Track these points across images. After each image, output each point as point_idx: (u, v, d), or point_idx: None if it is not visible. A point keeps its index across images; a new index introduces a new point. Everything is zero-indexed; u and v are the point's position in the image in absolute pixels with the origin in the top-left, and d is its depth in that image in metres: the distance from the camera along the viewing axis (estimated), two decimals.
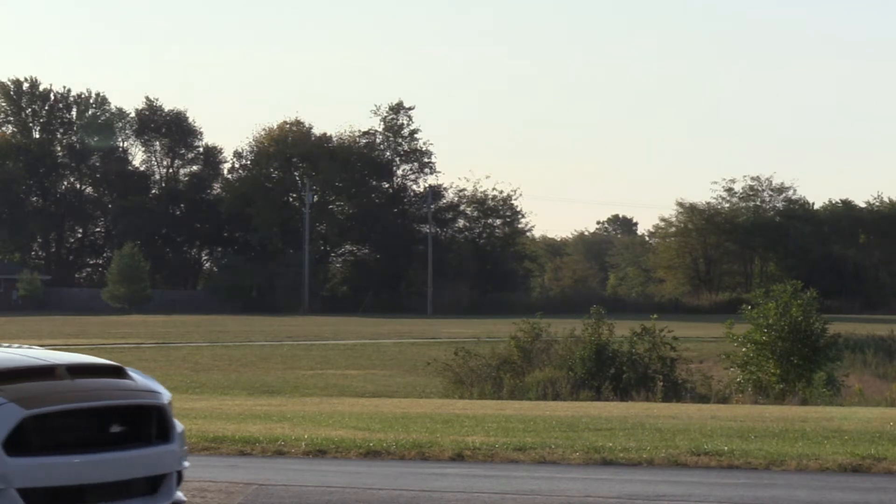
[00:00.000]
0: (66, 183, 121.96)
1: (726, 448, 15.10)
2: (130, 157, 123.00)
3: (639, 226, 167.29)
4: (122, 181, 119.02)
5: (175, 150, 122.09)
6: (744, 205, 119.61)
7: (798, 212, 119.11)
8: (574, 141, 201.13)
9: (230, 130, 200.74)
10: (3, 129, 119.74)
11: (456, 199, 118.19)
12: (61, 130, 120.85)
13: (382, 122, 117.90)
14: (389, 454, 14.99)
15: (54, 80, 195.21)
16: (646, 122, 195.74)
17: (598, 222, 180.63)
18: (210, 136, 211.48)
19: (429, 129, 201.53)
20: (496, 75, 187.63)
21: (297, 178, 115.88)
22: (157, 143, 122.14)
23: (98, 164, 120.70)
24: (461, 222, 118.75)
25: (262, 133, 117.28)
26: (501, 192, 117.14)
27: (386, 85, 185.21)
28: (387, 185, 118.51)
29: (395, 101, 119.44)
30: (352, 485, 11.94)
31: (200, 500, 10.87)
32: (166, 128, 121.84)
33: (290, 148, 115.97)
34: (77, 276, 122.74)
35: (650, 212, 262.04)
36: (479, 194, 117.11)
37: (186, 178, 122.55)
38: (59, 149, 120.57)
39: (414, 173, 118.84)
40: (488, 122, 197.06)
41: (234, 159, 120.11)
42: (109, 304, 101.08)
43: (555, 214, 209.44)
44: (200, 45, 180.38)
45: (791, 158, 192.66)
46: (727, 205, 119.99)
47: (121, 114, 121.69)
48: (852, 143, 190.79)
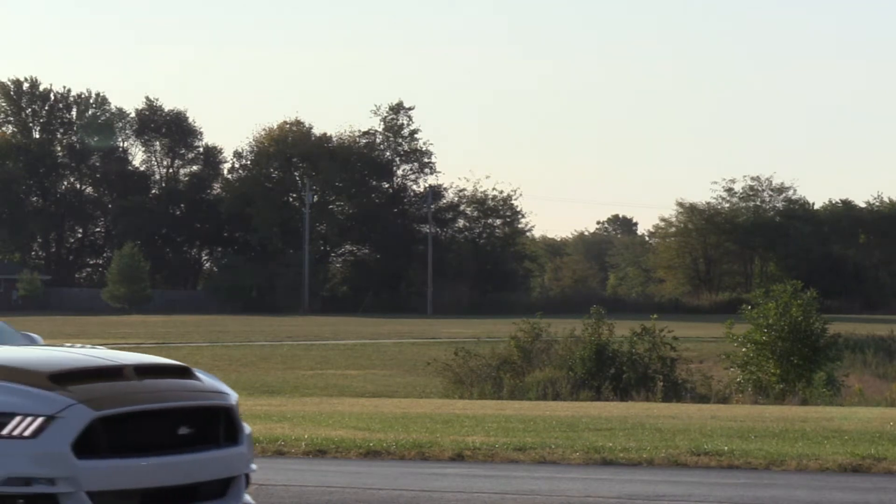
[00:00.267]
0: (66, 183, 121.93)
1: (726, 448, 15.11)
2: (130, 157, 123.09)
3: (639, 226, 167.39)
4: (122, 181, 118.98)
5: (175, 150, 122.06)
6: (744, 205, 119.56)
7: (798, 212, 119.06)
8: (574, 141, 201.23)
9: (230, 130, 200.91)
10: (3, 129, 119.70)
11: (456, 199, 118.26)
12: (61, 130, 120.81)
13: (382, 122, 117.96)
14: (389, 454, 15.00)
15: (54, 80, 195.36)
16: (646, 122, 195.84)
17: (598, 222, 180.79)
18: (210, 136, 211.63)
19: (429, 129, 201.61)
20: (496, 75, 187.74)
21: (297, 178, 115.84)
22: (157, 143, 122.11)
23: (98, 164, 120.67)
24: (461, 222, 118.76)
25: (262, 133, 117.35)
26: (501, 192, 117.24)
27: (386, 85, 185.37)
28: (387, 185, 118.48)
29: (395, 101, 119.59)
30: (352, 485, 11.94)
31: None
32: (166, 128, 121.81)
33: (290, 148, 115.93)
34: (77, 276, 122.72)
35: (650, 212, 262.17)
36: (479, 194, 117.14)
37: (186, 178, 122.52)
38: (59, 149, 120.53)
39: (414, 173, 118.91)
40: (488, 122, 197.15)
41: (234, 159, 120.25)
42: (109, 304, 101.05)
43: (555, 214, 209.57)
44: (200, 45, 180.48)
45: (791, 158, 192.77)
46: (727, 205, 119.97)
47: (121, 114, 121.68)
48: (852, 143, 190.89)
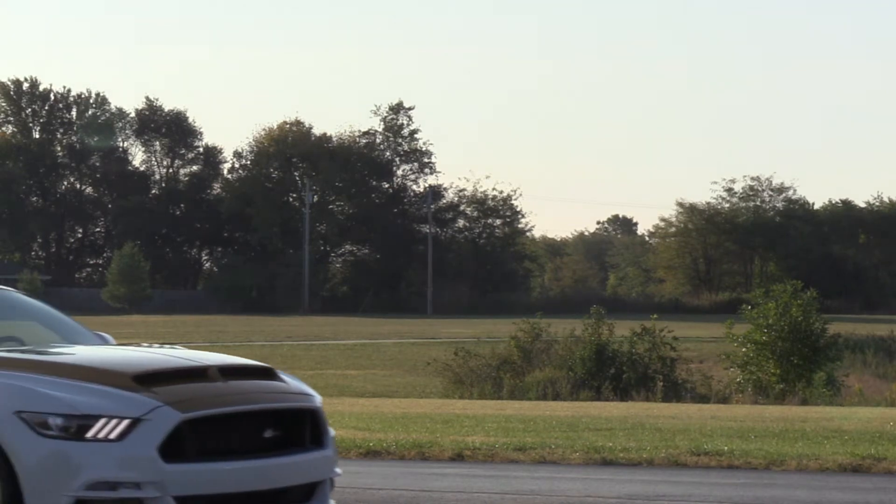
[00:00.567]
0: (66, 183, 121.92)
1: (726, 448, 15.11)
2: (130, 157, 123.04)
3: (639, 226, 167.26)
4: (122, 181, 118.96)
5: (175, 150, 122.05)
6: (744, 205, 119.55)
7: (798, 212, 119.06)
8: (574, 141, 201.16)
9: (230, 130, 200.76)
10: (3, 129, 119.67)
11: (456, 199, 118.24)
12: (61, 130, 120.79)
13: (382, 122, 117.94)
14: (389, 454, 14.99)
15: (54, 80, 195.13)
16: (646, 122, 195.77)
17: (598, 222, 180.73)
18: (210, 136, 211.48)
19: (429, 129, 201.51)
20: (496, 75, 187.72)
21: (297, 178, 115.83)
22: (157, 143, 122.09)
23: (98, 164, 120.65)
24: (461, 222, 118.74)
25: (262, 133, 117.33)
26: (501, 192, 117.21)
27: (386, 85, 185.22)
28: (387, 185, 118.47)
29: (395, 101, 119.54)
30: (352, 485, 11.93)
31: None
32: (166, 128, 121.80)
33: (290, 148, 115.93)
34: (77, 276, 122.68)
35: (650, 212, 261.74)
36: (479, 194, 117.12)
37: (186, 178, 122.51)
38: (59, 149, 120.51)
39: (414, 173, 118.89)
40: (488, 122, 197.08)
41: (234, 159, 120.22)
42: (109, 304, 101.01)
43: (555, 214, 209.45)
44: (200, 45, 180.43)
45: (791, 158, 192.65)
46: (727, 205, 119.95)
47: (121, 114, 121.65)
48: (852, 143, 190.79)
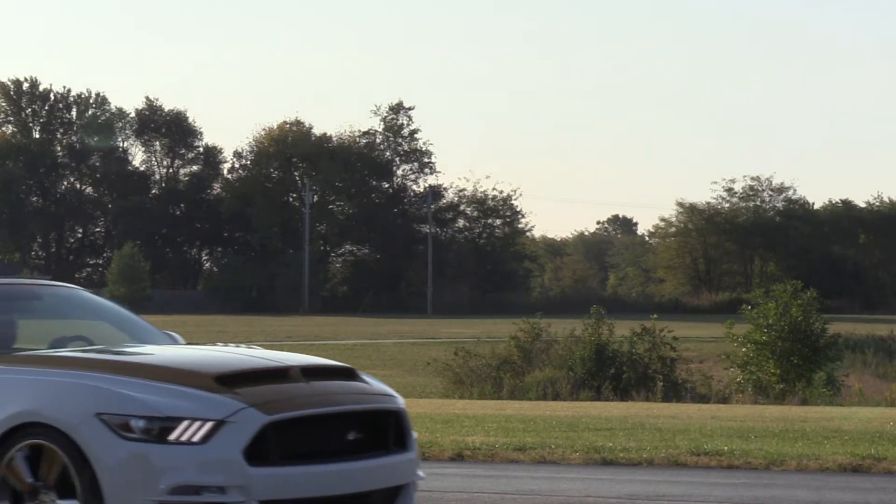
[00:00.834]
0: (66, 183, 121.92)
1: (726, 448, 15.11)
2: (130, 157, 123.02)
3: (639, 226, 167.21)
4: (122, 181, 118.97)
5: (175, 150, 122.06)
6: (744, 205, 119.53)
7: (798, 212, 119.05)
8: (574, 141, 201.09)
9: (230, 130, 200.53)
10: (3, 129, 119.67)
11: (456, 199, 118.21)
12: (61, 130, 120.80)
13: (382, 122, 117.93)
14: None
15: (54, 80, 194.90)
16: (646, 122, 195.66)
17: (598, 222, 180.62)
18: (210, 136, 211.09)
19: (429, 129, 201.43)
20: (496, 75, 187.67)
21: (297, 178, 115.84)
22: (157, 143, 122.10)
23: (98, 164, 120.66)
24: (461, 222, 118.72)
25: (262, 133, 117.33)
26: (501, 192, 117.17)
27: (386, 85, 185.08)
28: (387, 185, 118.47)
29: (395, 101, 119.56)
30: None
31: None
32: (166, 128, 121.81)
33: (290, 148, 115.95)
34: (77, 276, 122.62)
35: (650, 212, 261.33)
36: (479, 194, 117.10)
37: (186, 178, 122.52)
38: (59, 149, 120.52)
39: (414, 173, 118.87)
40: (488, 121, 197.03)
41: (234, 159, 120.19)
42: None
43: (555, 214, 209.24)
44: (200, 44, 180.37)
45: (791, 158, 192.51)
46: (727, 205, 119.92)
47: (121, 114, 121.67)
48: (852, 143, 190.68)
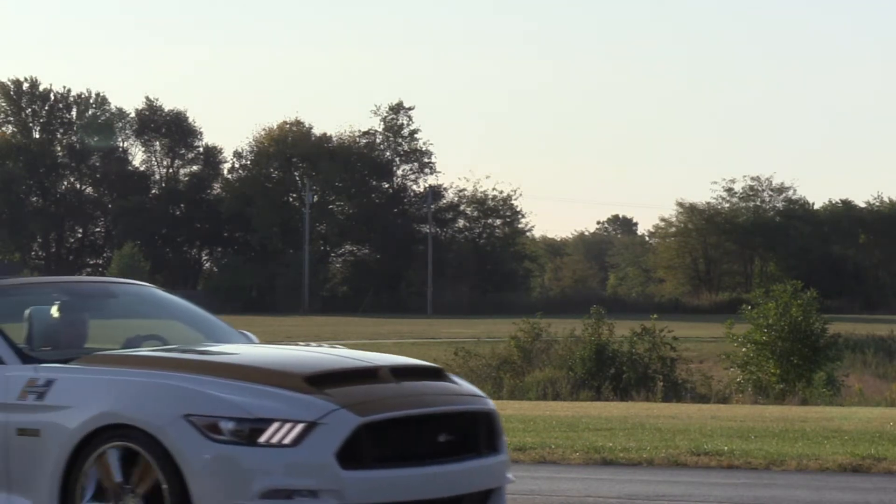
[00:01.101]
0: (66, 183, 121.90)
1: (726, 448, 15.10)
2: (130, 157, 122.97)
3: (639, 226, 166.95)
4: (122, 181, 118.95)
5: (175, 150, 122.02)
6: (744, 205, 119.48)
7: (798, 212, 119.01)
8: (574, 141, 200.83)
9: (230, 130, 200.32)
10: (3, 129, 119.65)
11: (456, 199, 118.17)
12: (61, 130, 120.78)
13: (382, 122, 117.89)
14: None
15: (54, 80, 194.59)
16: (646, 122, 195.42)
17: (598, 222, 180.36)
18: (210, 136, 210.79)
19: (429, 129, 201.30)
20: (496, 75, 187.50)
21: (297, 178, 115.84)
22: (157, 143, 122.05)
23: (98, 164, 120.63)
24: (461, 222, 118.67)
25: (262, 133, 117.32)
26: (501, 192, 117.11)
27: (386, 85, 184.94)
28: (387, 185, 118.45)
29: (395, 101, 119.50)
30: None
31: None
32: (166, 128, 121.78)
33: (290, 148, 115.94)
34: (77, 276, 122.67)
35: (650, 212, 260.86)
36: (479, 194, 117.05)
37: (186, 178, 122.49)
38: (59, 149, 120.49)
39: (414, 173, 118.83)
40: (488, 121, 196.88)
41: (234, 159, 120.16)
42: None
43: (555, 214, 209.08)
44: (200, 44, 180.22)
45: (791, 158, 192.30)
46: (727, 205, 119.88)
47: (121, 114, 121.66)
48: (852, 143, 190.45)
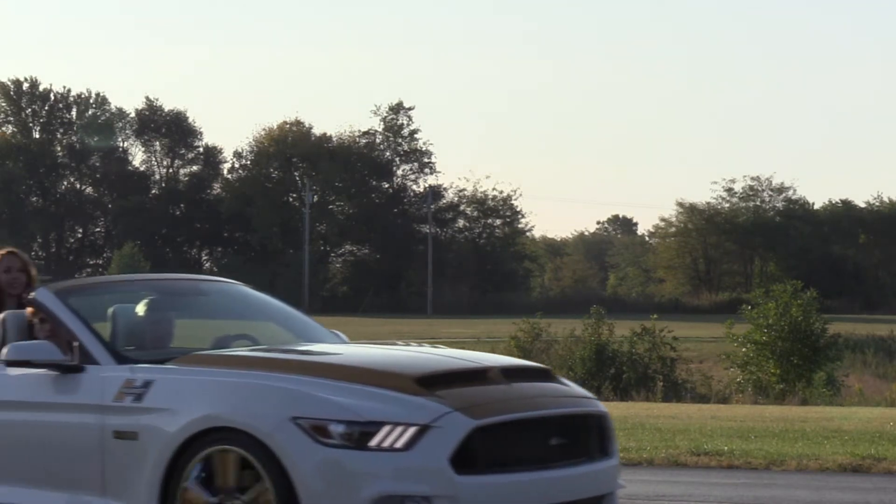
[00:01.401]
0: (66, 183, 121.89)
1: (726, 448, 15.09)
2: (130, 157, 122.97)
3: (639, 226, 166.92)
4: (122, 181, 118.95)
5: (175, 150, 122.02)
6: (744, 205, 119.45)
7: (798, 212, 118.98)
8: (574, 141, 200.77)
9: (230, 130, 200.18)
10: (3, 129, 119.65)
11: (456, 199, 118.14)
12: (61, 130, 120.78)
13: (382, 122, 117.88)
14: None
15: (54, 80, 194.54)
16: (646, 123, 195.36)
17: (598, 222, 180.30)
18: (210, 136, 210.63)
19: (429, 129, 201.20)
20: (496, 75, 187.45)
21: (297, 178, 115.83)
22: (157, 143, 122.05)
23: (98, 164, 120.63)
24: (461, 222, 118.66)
25: (262, 133, 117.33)
26: (501, 192, 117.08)
27: (386, 85, 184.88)
28: (387, 185, 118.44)
29: (395, 101, 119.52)
30: None
31: None
32: (166, 128, 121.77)
33: (290, 148, 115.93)
34: (77, 276, 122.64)
35: (650, 212, 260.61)
36: (479, 194, 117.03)
37: (186, 178, 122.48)
38: (59, 149, 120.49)
39: (414, 173, 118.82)
40: (488, 121, 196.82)
41: (234, 159, 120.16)
42: None
43: (555, 214, 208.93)
44: (200, 44, 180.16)
45: (791, 158, 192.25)
46: (727, 205, 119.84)
47: (121, 114, 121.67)
48: (852, 143, 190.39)
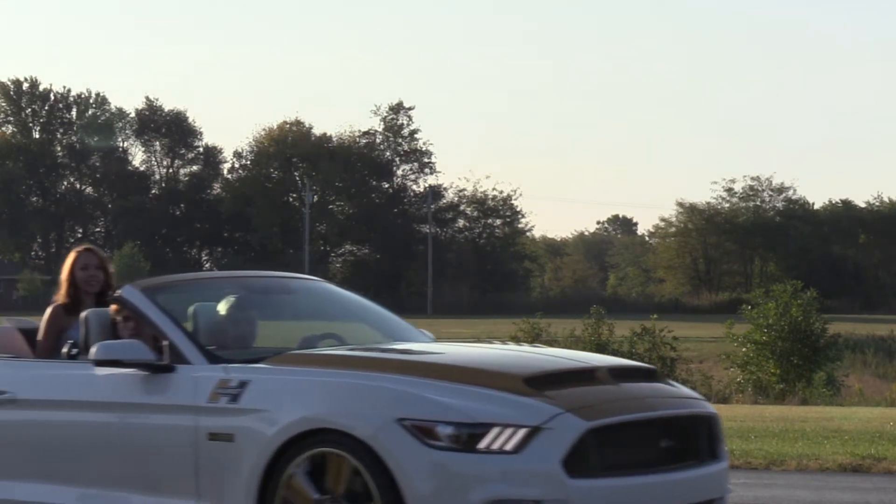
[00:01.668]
0: (66, 183, 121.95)
1: (726, 448, 15.06)
2: (130, 157, 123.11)
3: (639, 226, 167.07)
4: (122, 181, 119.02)
5: (175, 150, 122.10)
6: (744, 205, 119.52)
7: (798, 212, 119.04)
8: (574, 141, 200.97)
9: (230, 130, 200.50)
10: (3, 129, 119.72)
11: (456, 199, 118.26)
12: (61, 130, 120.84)
13: (382, 122, 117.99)
14: None
15: (54, 80, 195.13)
16: (646, 123, 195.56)
17: (598, 222, 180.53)
18: (210, 136, 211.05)
19: (429, 129, 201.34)
20: (496, 75, 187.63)
21: (297, 178, 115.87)
22: (157, 143, 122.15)
23: (98, 164, 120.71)
24: (461, 222, 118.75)
25: (262, 133, 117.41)
26: (501, 192, 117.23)
27: (386, 85, 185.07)
28: (387, 185, 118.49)
29: (395, 101, 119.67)
30: None
31: None
32: (166, 128, 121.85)
33: (290, 148, 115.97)
34: None
35: (650, 212, 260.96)
36: (479, 194, 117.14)
37: (186, 178, 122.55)
38: (59, 149, 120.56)
39: (414, 173, 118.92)
40: (488, 122, 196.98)
41: (234, 159, 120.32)
42: None
43: (555, 214, 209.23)
44: (200, 45, 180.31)
45: (791, 158, 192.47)
46: (727, 205, 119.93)
47: (121, 114, 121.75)
48: (852, 143, 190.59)
